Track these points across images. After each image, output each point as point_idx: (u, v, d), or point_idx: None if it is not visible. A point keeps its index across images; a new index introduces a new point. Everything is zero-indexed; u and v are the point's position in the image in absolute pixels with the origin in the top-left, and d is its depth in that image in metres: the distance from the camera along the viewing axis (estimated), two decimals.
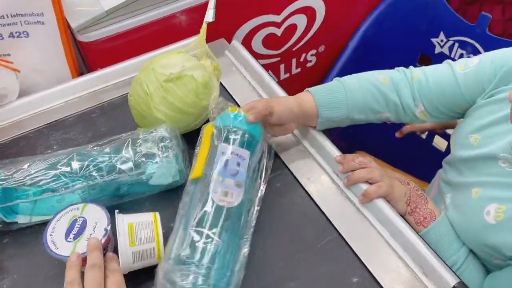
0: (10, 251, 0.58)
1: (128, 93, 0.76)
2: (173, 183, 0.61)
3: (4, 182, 0.57)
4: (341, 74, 1.25)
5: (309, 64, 1.21)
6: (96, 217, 0.55)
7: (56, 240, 0.53)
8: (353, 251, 0.56)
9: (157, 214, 0.55)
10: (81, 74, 0.84)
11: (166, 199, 0.62)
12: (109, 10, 0.76)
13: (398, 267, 0.55)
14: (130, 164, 0.59)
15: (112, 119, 0.75)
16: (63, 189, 0.58)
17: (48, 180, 0.58)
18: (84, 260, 0.52)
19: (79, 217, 0.55)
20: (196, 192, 0.56)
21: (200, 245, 0.50)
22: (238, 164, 0.56)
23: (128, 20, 0.80)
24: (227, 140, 0.58)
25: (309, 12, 1.08)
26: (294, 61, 1.17)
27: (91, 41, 0.78)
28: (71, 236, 0.53)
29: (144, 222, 0.54)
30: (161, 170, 0.60)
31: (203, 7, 0.73)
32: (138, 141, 0.61)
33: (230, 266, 0.51)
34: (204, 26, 0.69)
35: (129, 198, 0.62)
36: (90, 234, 0.53)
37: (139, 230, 0.53)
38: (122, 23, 0.79)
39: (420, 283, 0.53)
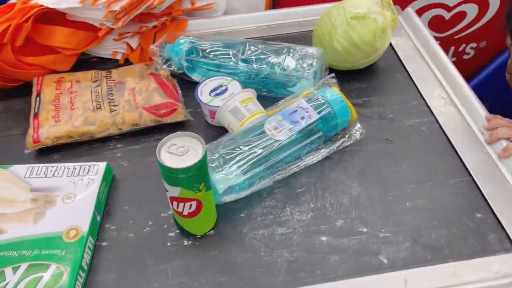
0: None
1: (306, 30, 0.90)
2: None
3: (197, 42, 0.79)
4: (492, 76, 1.26)
5: (465, 56, 1.24)
6: (234, 90, 0.72)
7: (203, 91, 0.72)
8: (482, 193, 0.63)
9: None
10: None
11: None
12: None
13: None
14: (280, 66, 0.74)
15: None
16: (230, 64, 0.76)
17: (222, 56, 0.77)
18: None
19: (224, 85, 0.73)
20: (263, 121, 0.65)
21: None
22: (302, 118, 0.64)
23: None
24: (309, 101, 0.67)
25: (482, 3, 1.11)
26: (452, 49, 1.21)
27: None
28: (213, 93, 0.71)
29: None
30: (301, 81, 0.74)
31: None
32: (294, 52, 0.76)
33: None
34: None
35: (270, 94, 0.77)
36: (224, 98, 0.71)
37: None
38: None
39: None
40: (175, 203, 0.54)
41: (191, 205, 0.54)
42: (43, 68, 0.80)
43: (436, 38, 1.19)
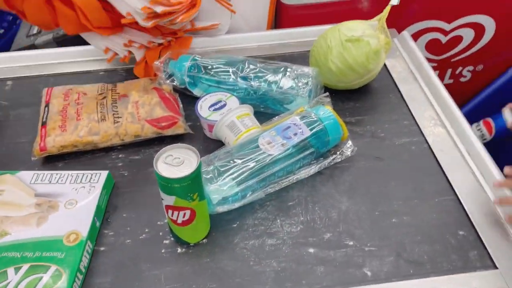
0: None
1: (305, 50, 0.93)
2: None
3: (199, 59, 0.82)
4: (489, 100, 1.29)
5: (462, 79, 1.27)
6: (232, 105, 0.75)
7: (203, 106, 0.76)
8: (465, 212, 0.65)
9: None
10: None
11: None
12: None
13: (508, 241, 0.62)
14: (277, 84, 0.78)
15: None
16: (230, 81, 0.80)
17: (222, 72, 0.81)
18: None
19: (223, 101, 0.76)
20: (258, 136, 0.68)
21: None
22: (295, 134, 0.68)
23: None
24: (303, 118, 0.70)
25: (478, 29, 1.14)
26: (449, 71, 1.24)
27: (290, 4, 0.97)
28: (212, 108, 0.75)
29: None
30: (297, 99, 0.77)
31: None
32: (290, 71, 0.79)
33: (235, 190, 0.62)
34: (388, 7, 0.82)
35: (267, 110, 0.80)
36: (222, 113, 0.74)
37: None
38: None
39: None
40: (170, 211, 0.58)
41: (185, 214, 0.57)
42: (54, 19, 0.78)
43: (433, 61, 1.23)
